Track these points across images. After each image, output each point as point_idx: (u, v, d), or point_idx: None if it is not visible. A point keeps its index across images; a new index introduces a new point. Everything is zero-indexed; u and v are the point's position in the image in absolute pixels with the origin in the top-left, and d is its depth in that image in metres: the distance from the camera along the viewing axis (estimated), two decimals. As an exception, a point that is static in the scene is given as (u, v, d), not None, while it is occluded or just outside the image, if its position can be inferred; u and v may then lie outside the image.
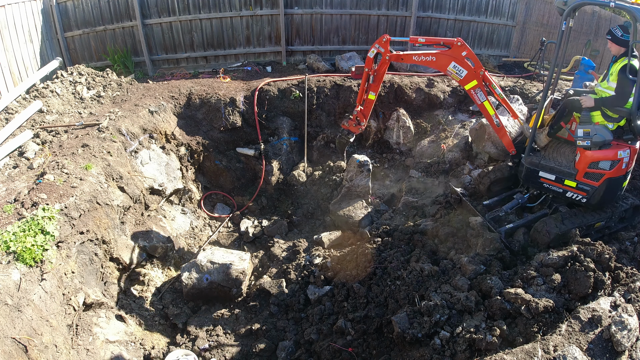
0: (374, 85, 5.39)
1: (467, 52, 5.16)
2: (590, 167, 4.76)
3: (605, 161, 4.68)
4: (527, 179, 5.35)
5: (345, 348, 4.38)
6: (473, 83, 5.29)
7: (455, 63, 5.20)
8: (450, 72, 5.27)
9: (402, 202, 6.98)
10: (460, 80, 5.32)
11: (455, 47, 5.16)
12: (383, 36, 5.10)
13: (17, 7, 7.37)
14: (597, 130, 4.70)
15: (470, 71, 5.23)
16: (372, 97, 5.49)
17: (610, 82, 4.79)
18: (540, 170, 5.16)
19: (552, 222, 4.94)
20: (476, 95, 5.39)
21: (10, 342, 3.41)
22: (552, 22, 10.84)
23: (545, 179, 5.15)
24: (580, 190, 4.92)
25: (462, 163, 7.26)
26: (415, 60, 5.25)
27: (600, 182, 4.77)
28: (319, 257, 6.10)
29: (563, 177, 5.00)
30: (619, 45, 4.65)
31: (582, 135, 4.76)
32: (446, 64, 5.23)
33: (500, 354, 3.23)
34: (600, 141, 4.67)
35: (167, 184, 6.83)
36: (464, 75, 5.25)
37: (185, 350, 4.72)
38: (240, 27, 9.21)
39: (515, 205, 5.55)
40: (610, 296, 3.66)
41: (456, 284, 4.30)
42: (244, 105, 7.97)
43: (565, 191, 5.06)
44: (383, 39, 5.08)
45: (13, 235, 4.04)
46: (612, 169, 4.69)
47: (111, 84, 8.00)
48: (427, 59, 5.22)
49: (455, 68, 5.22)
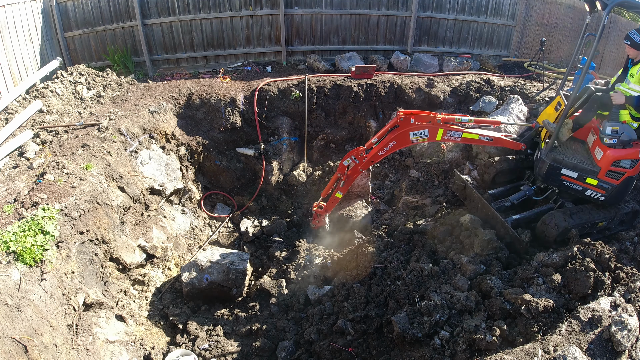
0: (344, 187, 5.66)
1: (414, 116, 5.15)
2: (614, 165, 4.75)
3: (627, 160, 4.70)
4: (547, 176, 5.19)
5: (345, 348, 4.38)
6: (440, 132, 5.25)
7: (413, 132, 5.18)
8: (416, 140, 5.27)
9: (402, 202, 6.98)
10: (427, 139, 5.30)
11: (402, 122, 5.19)
12: (358, 148, 5.34)
13: (17, 7, 7.37)
14: (625, 128, 4.71)
15: (429, 127, 5.20)
16: (339, 196, 5.78)
17: (631, 84, 4.82)
18: (563, 167, 5.04)
19: (561, 215, 4.94)
20: (452, 137, 5.34)
21: (10, 342, 3.41)
22: (552, 22, 10.83)
23: (567, 177, 5.04)
24: (600, 189, 4.90)
25: (462, 163, 7.26)
26: (381, 155, 5.35)
27: (620, 181, 4.79)
28: (319, 257, 6.10)
29: (585, 174, 4.93)
30: (637, 49, 4.70)
31: (610, 133, 4.74)
32: (407, 138, 5.23)
33: (500, 354, 3.24)
34: (627, 139, 4.69)
35: (167, 184, 6.83)
36: (428, 134, 5.22)
37: (185, 350, 4.72)
38: (240, 27, 9.21)
39: (522, 197, 5.52)
40: (610, 296, 3.66)
41: (456, 284, 4.30)
42: (244, 105, 7.97)
43: (585, 189, 5.00)
44: (360, 152, 5.32)
45: (13, 235, 4.04)
46: (632, 167, 4.72)
47: (111, 84, 8.00)
48: (390, 146, 5.28)
49: (416, 135, 5.21)
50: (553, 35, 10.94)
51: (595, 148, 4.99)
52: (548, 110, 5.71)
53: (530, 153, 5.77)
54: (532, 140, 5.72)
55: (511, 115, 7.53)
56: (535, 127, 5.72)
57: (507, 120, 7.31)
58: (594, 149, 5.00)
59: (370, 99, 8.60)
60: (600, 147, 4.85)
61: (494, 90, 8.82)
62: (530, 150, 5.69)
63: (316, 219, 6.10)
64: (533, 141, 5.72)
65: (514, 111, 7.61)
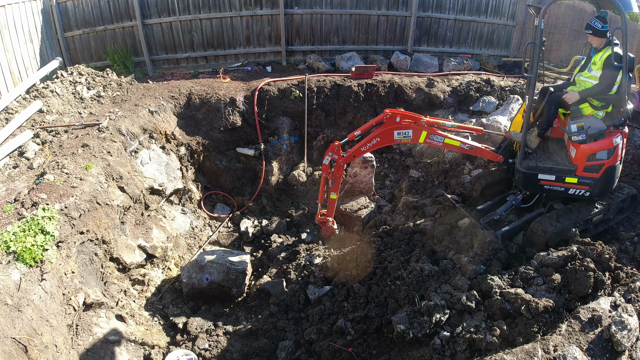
0: (334, 187, 5.59)
1: (400, 115, 5.19)
2: (589, 160, 4.73)
3: (602, 151, 4.66)
4: (526, 184, 5.22)
5: (345, 348, 4.38)
6: (424, 134, 5.27)
7: (397, 131, 5.21)
8: (399, 139, 5.29)
9: (402, 202, 6.98)
10: (411, 140, 5.32)
11: (388, 120, 5.20)
12: (334, 144, 5.24)
13: (17, 7, 7.37)
14: (590, 122, 4.68)
15: (413, 128, 5.23)
16: (334, 197, 5.69)
17: (593, 71, 4.81)
18: (539, 173, 5.05)
19: (547, 221, 4.91)
20: (434, 140, 5.35)
21: (10, 342, 3.41)
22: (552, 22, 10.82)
23: (546, 181, 5.04)
24: (582, 185, 4.88)
25: (462, 163, 7.26)
26: (364, 150, 5.35)
27: (600, 173, 4.75)
28: (319, 257, 6.10)
29: (563, 175, 4.93)
30: (600, 37, 4.72)
31: (576, 130, 4.73)
32: (391, 136, 5.26)
33: (500, 354, 3.24)
34: (595, 132, 4.65)
35: (167, 184, 6.83)
36: (412, 135, 5.25)
37: (185, 350, 4.72)
38: (240, 27, 9.21)
39: (510, 208, 5.51)
40: (610, 296, 3.66)
41: (456, 284, 4.30)
42: (244, 105, 7.97)
43: (567, 189, 4.99)
44: (335, 147, 5.23)
45: (13, 235, 4.04)
46: (609, 157, 4.68)
47: (111, 84, 8.00)
48: (373, 143, 5.28)
49: (400, 134, 5.24)
50: (553, 35, 10.93)
51: (569, 146, 4.96)
52: (517, 118, 5.64)
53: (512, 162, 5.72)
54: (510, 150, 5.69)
55: (511, 115, 7.52)
56: (510, 136, 5.70)
57: (507, 120, 7.31)
58: (569, 147, 4.97)
59: (370, 99, 8.60)
60: (572, 144, 4.83)
61: (494, 90, 8.82)
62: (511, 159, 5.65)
63: (324, 227, 6.07)
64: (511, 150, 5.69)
65: (514, 111, 7.60)
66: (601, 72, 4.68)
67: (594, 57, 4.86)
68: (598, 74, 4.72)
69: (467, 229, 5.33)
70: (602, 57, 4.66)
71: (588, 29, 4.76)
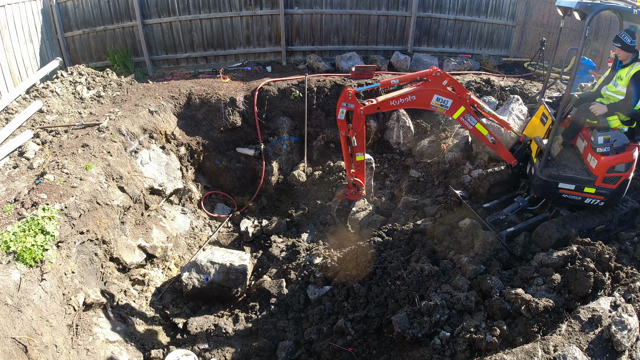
0: (359, 146, 4.92)
1: (448, 80, 4.79)
2: (609, 172, 4.77)
3: (621, 164, 4.71)
4: (545, 192, 5.14)
5: (345, 348, 4.38)
6: (461, 110, 4.92)
7: (438, 95, 4.75)
8: (435, 106, 4.86)
9: (402, 202, 6.98)
10: (447, 112, 4.92)
11: (434, 79, 4.72)
12: (346, 90, 4.53)
13: (17, 7, 7.37)
14: (617, 135, 4.71)
15: (455, 99, 4.84)
16: (361, 158, 5.09)
17: (619, 86, 4.80)
18: (560, 182, 4.99)
19: (554, 226, 4.91)
20: (467, 121, 5.04)
21: (10, 342, 3.41)
22: (552, 22, 10.82)
23: (565, 190, 4.99)
24: (599, 195, 4.91)
25: (462, 163, 7.26)
26: (394, 105, 4.73)
27: (617, 185, 4.80)
28: (319, 257, 6.10)
29: (583, 185, 4.92)
30: (628, 51, 4.68)
31: (602, 142, 4.73)
32: (429, 99, 4.76)
33: (500, 354, 3.24)
34: (620, 146, 4.68)
35: (167, 184, 6.83)
36: (450, 105, 4.84)
37: (185, 350, 4.72)
38: (240, 27, 9.21)
39: (516, 209, 5.52)
40: (610, 296, 3.67)
41: (456, 284, 4.30)
42: (244, 105, 7.97)
43: (584, 198, 5.00)
44: (348, 95, 4.53)
45: (13, 235, 4.04)
46: (627, 170, 4.74)
47: (111, 84, 8.00)
48: (407, 100, 4.70)
49: (439, 100, 4.79)
50: (553, 35, 10.92)
51: (587, 155, 4.97)
52: (534, 121, 5.64)
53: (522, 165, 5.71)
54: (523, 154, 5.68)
55: (511, 115, 7.52)
56: (524, 140, 5.67)
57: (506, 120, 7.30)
58: (587, 156, 4.97)
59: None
60: (594, 155, 4.84)
61: (494, 90, 8.82)
62: (521, 162, 5.64)
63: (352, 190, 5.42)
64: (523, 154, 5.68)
65: (514, 111, 7.60)
66: (627, 87, 4.65)
67: (619, 71, 4.82)
68: (624, 89, 4.70)
69: (468, 229, 5.33)
70: (630, 73, 4.62)
71: (617, 42, 4.70)
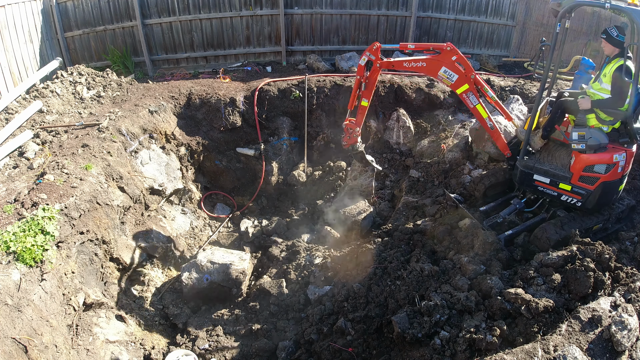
0: (367, 92, 5.42)
1: (457, 56, 5.20)
2: (585, 171, 4.71)
3: (600, 165, 4.64)
4: (521, 182, 5.32)
5: (345, 348, 4.38)
6: (465, 87, 5.32)
7: (445, 68, 5.24)
8: (441, 77, 5.32)
9: (402, 202, 6.98)
10: (451, 84, 5.35)
11: (445, 52, 5.19)
12: (373, 44, 5.12)
13: (17, 7, 7.37)
14: (592, 133, 4.64)
15: (461, 75, 5.26)
16: (365, 104, 5.55)
17: (603, 83, 4.73)
18: (534, 173, 5.11)
19: (552, 228, 4.90)
20: (468, 99, 5.42)
21: (10, 342, 3.41)
22: (552, 22, 10.81)
23: (540, 182, 5.11)
24: (575, 194, 4.89)
25: (462, 163, 7.26)
26: (406, 66, 5.34)
27: (595, 186, 4.73)
28: (319, 257, 6.10)
29: (557, 180, 4.95)
30: (613, 45, 4.62)
31: (577, 139, 4.70)
32: (437, 69, 5.28)
33: (500, 354, 3.24)
34: (595, 144, 4.61)
35: (167, 184, 6.83)
36: (455, 80, 5.30)
37: (185, 350, 4.72)
38: (240, 27, 9.21)
39: (513, 211, 5.52)
40: (610, 296, 3.66)
41: (456, 284, 4.30)
42: (244, 105, 7.97)
43: (560, 194, 5.02)
44: (374, 47, 5.11)
45: (13, 235, 4.04)
46: (607, 172, 4.64)
47: (111, 84, 8.00)
48: (418, 65, 5.29)
49: (446, 73, 5.27)
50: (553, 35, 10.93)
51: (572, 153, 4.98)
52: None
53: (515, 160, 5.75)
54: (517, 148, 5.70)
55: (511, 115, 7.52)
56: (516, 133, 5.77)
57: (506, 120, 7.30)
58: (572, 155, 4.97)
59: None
60: (574, 152, 4.83)
61: (494, 90, 8.82)
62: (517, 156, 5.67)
63: (347, 135, 5.81)
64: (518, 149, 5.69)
65: (514, 111, 7.60)
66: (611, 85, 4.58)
67: (604, 68, 4.76)
68: (608, 86, 4.64)
69: (468, 229, 5.33)
70: (612, 69, 4.55)
71: (603, 33, 4.70)
